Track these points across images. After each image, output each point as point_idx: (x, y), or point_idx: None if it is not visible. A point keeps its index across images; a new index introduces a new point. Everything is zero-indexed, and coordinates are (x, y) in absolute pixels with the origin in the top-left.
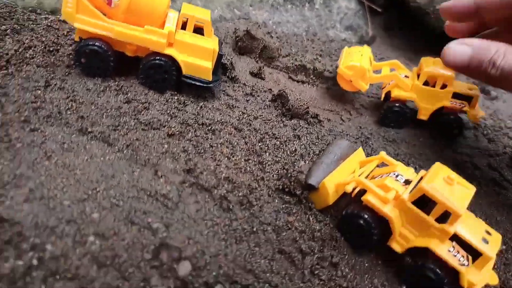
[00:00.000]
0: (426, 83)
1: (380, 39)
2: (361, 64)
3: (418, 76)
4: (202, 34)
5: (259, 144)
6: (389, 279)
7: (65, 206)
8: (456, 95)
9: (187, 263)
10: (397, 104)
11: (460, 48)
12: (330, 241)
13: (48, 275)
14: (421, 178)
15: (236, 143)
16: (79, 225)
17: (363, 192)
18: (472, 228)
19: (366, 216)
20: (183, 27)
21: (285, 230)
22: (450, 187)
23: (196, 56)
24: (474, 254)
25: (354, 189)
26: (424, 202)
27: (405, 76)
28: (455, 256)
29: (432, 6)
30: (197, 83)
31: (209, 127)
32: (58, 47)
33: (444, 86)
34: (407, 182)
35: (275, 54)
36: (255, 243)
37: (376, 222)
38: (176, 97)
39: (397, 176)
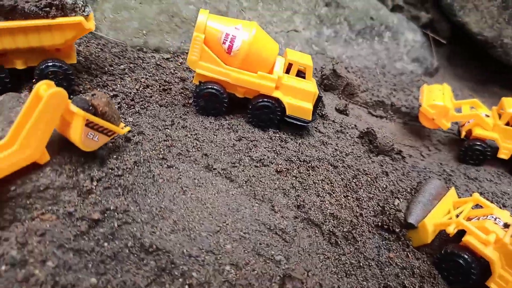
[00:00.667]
0: (507, 123)
1: (443, 70)
2: (445, 104)
3: (500, 116)
4: (303, 77)
5: (354, 180)
6: None
7: (203, 237)
8: None
9: None
10: (478, 143)
11: None
12: (429, 278)
13: None
14: None
15: (334, 179)
16: (216, 255)
17: (461, 232)
18: None
19: (466, 256)
20: (287, 71)
21: (387, 266)
22: None
23: (299, 98)
24: None
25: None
26: None
27: (486, 115)
28: None
29: (499, 39)
30: (298, 123)
31: (309, 164)
32: (170, 86)
33: None
34: (506, 225)
35: (356, 91)
36: (362, 277)
37: (476, 262)
38: (278, 135)
39: (495, 219)
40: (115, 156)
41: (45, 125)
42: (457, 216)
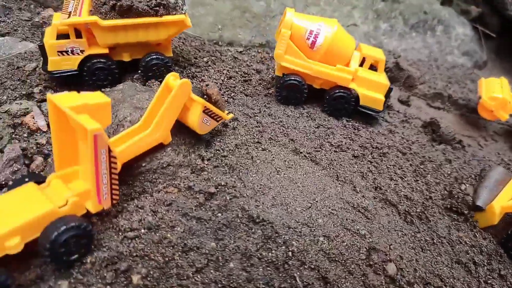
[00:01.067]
0: None
1: (491, 63)
2: (504, 96)
3: None
4: (375, 70)
5: (421, 166)
6: None
7: (298, 212)
8: None
9: (393, 265)
10: None
11: None
12: (496, 256)
13: (299, 265)
14: None
15: (403, 165)
16: (311, 228)
17: None
18: None
19: None
20: (361, 64)
21: (458, 244)
22: None
23: (373, 90)
24: None
25: None
26: None
27: None
28: None
29: None
30: (370, 112)
31: (381, 150)
32: (250, 77)
33: None
34: None
35: (416, 83)
36: (436, 252)
37: None
38: (350, 123)
39: None
40: (218, 140)
41: (173, 111)
42: None
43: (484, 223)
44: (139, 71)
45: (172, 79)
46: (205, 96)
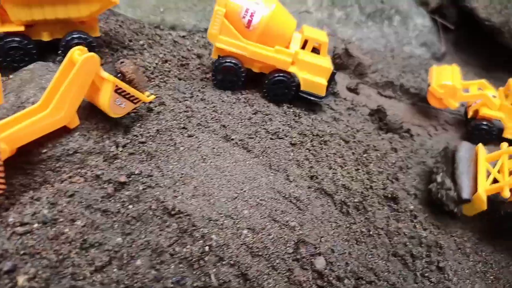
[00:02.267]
0: None
1: (450, 55)
2: (453, 83)
3: (506, 96)
4: (318, 53)
5: (364, 155)
6: (488, 285)
7: (222, 203)
8: None
9: (322, 258)
10: (484, 122)
11: None
12: (435, 248)
13: (216, 260)
14: None
15: (345, 153)
16: (235, 220)
17: None
18: None
19: None
20: (303, 47)
21: (396, 235)
22: None
23: (314, 74)
24: None
25: None
26: None
27: (493, 95)
28: None
29: (507, 25)
30: (312, 98)
31: (322, 138)
32: (188, 62)
33: None
34: None
35: (367, 71)
36: (372, 245)
37: None
38: (291, 110)
39: None
40: (138, 125)
41: (77, 89)
42: (498, 172)
43: (472, 212)
44: (59, 52)
45: (78, 53)
46: (119, 75)
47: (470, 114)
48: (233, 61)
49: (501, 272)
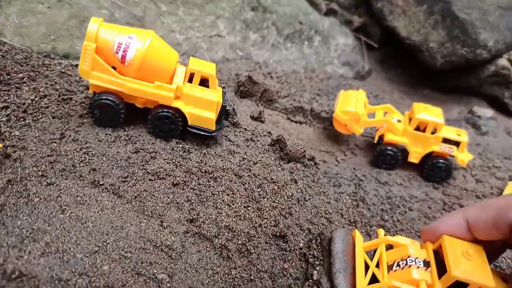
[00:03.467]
0: (417, 128)
1: (375, 73)
2: (356, 110)
3: (410, 120)
4: (207, 85)
5: (258, 190)
6: None
7: (78, 259)
8: (445, 140)
9: None
10: (389, 148)
11: None
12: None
13: None
14: (435, 252)
15: (236, 189)
16: (91, 278)
17: None
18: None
19: None
20: (190, 79)
21: (281, 277)
22: (471, 262)
23: (201, 108)
24: None
25: None
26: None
27: (398, 120)
28: None
29: (426, 44)
30: (201, 133)
31: (211, 175)
32: (71, 95)
33: (434, 132)
34: (426, 263)
35: (275, 97)
36: None
37: None
38: (181, 145)
39: (415, 261)
40: None
41: None
42: (377, 266)
43: None
44: None
45: None
46: None
47: (376, 139)
48: (110, 98)
49: None
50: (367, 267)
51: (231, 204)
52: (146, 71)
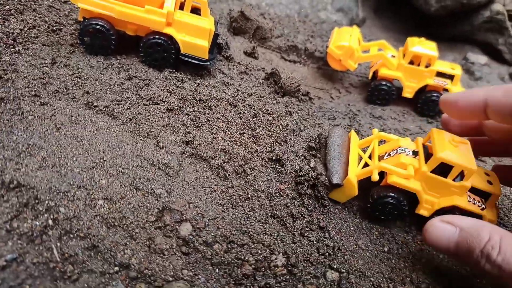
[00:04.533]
0: (411, 63)
1: (370, 21)
2: (350, 44)
3: (404, 55)
4: (199, 14)
5: (253, 119)
6: (372, 241)
7: (76, 173)
8: (439, 74)
9: (188, 225)
10: (383, 83)
11: (444, 229)
12: (318, 207)
13: (63, 234)
14: (423, 145)
15: (231, 118)
16: (89, 190)
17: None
18: (477, 176)
19: (394, 195)
20: (181, 7)
21: (277, 197)
22: (456, 148)
23: (194, 35)
24: (486, 196)
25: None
26: (439, 167)
27: (392, 55)
28: (475, 204)
29: None
30: (194, 61)
31: (206, 103)
32: (61, 27)
33: (428, 65)
34: (415, 153)
35: (268, 35)
36: (249, 208)
37: (403, 197)
38: (174, 75)
39: (405, 150)
40: None
41: None
42: (369, 157)
43: (345, 198)
44: None
45: None
46: None
47: (370, 75)
48: (100, 23)
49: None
50: (361, 160)
51: (227, 130)
52: None
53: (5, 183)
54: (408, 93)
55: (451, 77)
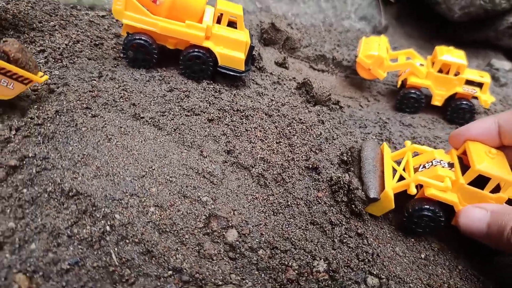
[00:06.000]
0: (440, 71)
1: (392, 28)
2: (379, 53)
3: (433, 64)
4: (235, 27)
5: (288, 128)
6: (409, 247)
7: (128, 182)
8: (468, 82)
9: (234, 231)
10: (412, 91)
11: (477, 212)
12: (356, 217)
13: (119, 239)
14: (459, 158)
15: (267, 127)
16: (141, 198)
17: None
18: None
19: (431, 207)
20: (218, 21)
21: (316, 204)
22: (493, 160)
23: (231, 48)
24: None
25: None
26: (476, 179)
27: (420, 64)
28: None
29: None
30: (231, 73)
31: (243, 113)
32: (102, 41)
33: (457, 74)
34: (450, 165)
35: (297, 45)
36: (290, 215)
37: (440, 209)
38: (212, 86)
39: (440, 162)
40: (36, 106)
41: None
42: (404, 170)
43: (381, 211)
44: None
45: None
46: (2, 55)
47: (399, 83)
48: (143, 38)
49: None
50: (395, 173)
51: (264, 139)
52: (177, 10)
53: (64, 191)
54: (437, 101)
55: (480, 85)
